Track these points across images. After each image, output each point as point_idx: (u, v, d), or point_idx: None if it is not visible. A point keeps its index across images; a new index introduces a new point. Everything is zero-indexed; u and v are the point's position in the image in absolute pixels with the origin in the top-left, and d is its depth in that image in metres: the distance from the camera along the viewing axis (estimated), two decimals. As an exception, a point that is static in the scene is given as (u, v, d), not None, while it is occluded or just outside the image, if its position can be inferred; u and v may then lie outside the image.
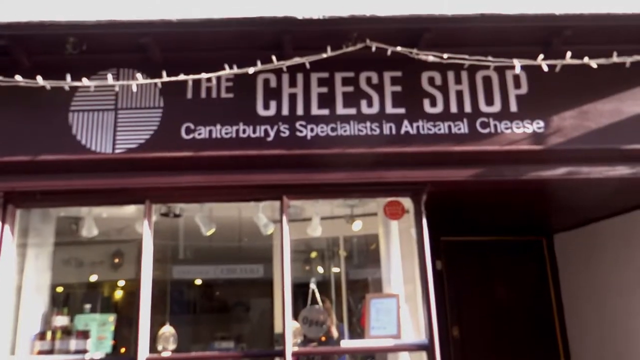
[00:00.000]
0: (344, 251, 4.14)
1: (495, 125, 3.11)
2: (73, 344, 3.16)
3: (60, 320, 3.25)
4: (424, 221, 3.14)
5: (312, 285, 3.35)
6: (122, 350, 3.69)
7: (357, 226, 3.62)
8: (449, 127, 3.11)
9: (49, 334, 3.17)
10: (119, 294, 6.41)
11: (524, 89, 3.18)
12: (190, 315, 6.46)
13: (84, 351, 3.17)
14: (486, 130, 3.10)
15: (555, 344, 4.38)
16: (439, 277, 3.18)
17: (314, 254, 4.45)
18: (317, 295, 3.35)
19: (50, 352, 3.14)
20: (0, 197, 3.10)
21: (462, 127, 3.10)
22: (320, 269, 3.92)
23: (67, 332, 3.22)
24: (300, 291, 3.05)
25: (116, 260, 5.93)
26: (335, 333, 3.48)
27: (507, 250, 4.55)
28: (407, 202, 3.29)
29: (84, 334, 3.20)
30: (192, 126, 3.15)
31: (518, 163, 3.06)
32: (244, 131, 3.13)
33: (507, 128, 3.11)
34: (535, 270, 4.57)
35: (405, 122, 3.13)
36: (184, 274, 6.39)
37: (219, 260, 6.69)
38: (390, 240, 3.37)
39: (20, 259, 3.26)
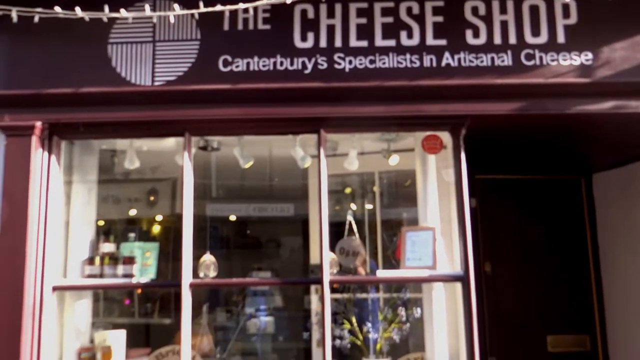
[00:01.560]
0: (379, 187, 4.18)
1: (540, 57, 3.03)
2: (120, 269, 3.33)
3: (107, 247, 3.42)
4: (463, 155, 3.14)
5: (349, 217, 3.43)
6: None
7: (394, 160, 3.64)
8: (492, 59, 3.05)
9: (97, 260, 3.34)
10: (156, 229, 6.66)
11: (573, 19, 3.07)
12: (226, 250, 6.70)
13: (131, 276, 3.35)
14: (531, 63, 3.03)
15: (589, 287, 4.39)
16: (472, 215, 3.19)
17: (348, 190, 4.49)
18: (354, 226, 3.43)
19: (99, 276, 3.32)
20: (45, 129, 3.20)
21: (506, 59, 3.04)
22: (353, 206, 3.98)
23: (113, 258, 3.39)
24: (332, 230, 3.13)
25: (151, 198, 6.12)
26: (362, 272, 3.59)
27: (543, 190, 4.50)
28: (445, 137, 3.28)
29: (130, 260, 3.36)
30: (229, 58, 3.15)
31: (563, 96, 3.00)
32: (282, 63, 3.12)
33: (553, 60, 3.03)
34: (571, 211, 4.52)
35: (447, 54, 3.08)
36: (218, 211, 6.57)
37: (250, 199, 6.84)
38: (427, 176, 3.39)
39: (66, 196, 3.40)
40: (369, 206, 4.72)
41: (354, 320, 3.33)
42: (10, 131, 3.12)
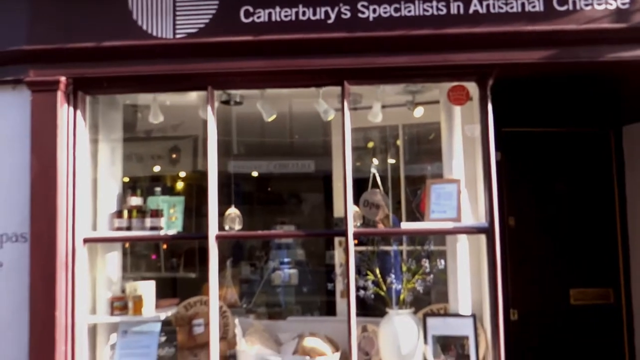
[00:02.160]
0: (402, 141, 4.15)
1: (574, 2, 2.92)
2: (148, 222, 3.41)
3: (135, 201, 3.49)
4: (489, 107, 3.08)
5: (373, 170, 3.43)
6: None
7: (419, 112, 3.59)
8: (522, 4, 2.94)
9: (125, 213, 3.42)
10: (179, 186, 6.76)
11: (608, -40, 2.93)
12: (249, 206, 6.77)
13: (159, 228, 3.42)
14: (563, 8, 2.92)
15: (614, 241, 4.34)
16: (497, 168, 3.15)
17: (370, 145, 4.47)
18: (378, 179, 3.43)
19: (128, 228, 3.40)
20: (70, 84, 3.21)
21: (537, 5, 2.93)
22: (376, 161, 3.97)
23: (141, 211, 3.46)
24: (354, 186, 3.13)
25: (174, 156, 6.18)
26: (382, 227, 3.61)
27: (570, 143, 4.40)
28: (471, 88, 3.22)
29: (157, 213, 3.43)
30: (250, 9, 3.10)
31: (596, 43, 2.89)
32: (304, 13, 3.06)
33: (587, 5, 2.91)
34: (598, 165, 4.41)
35: (475, 1, 2.98)
36: (240, 168, 6.62)
37: (271, 155, 6.86)
38: (452, 129, 3.35)
39: (92, 154, 3.45)
40: (391, 161, 4.71)
41: (377, 271, 3.36)
42: (35, 86, 3.15)
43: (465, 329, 3.15)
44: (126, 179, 3.88)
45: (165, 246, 6.18)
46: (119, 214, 3.42)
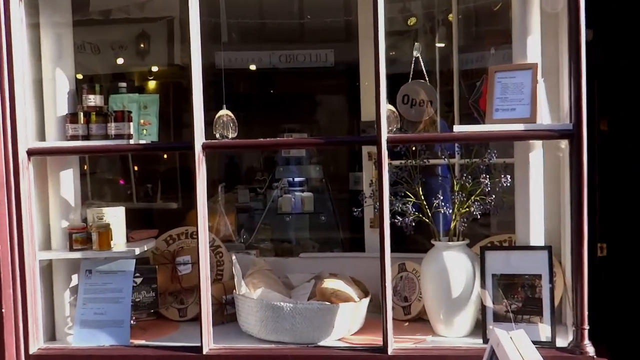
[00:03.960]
0: (457, 17, 4.02)
1: None
2: (112, 127, 3.39)
3: (93, 100, 3.46)
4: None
5: (416, 53, 3.34)
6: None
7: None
8: None
9: (81, 116, 3.40)
10: (151, 84, 6.71)
11: None
12: (245, 112, 6.74)
13: (126, 136, 3.41)
14: None
15: None
16: (587, 52, 3.04)
17: (411, 21, 4.35)
18: (422, 64, 3.35)
19: (86, 137, 3.40)
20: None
21: None
22: (419, 45, 3.86)
23: (102, 114, 3.45)
24: (388, 83, 3.07)
25: (141, 45, 6.09)
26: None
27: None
28: None
29: (123, 116, 3.41)
30: None
31: None
32: None
33: None
34: None
35: None
36: (232, 61, 6.54)
37: (274, 43, 6.75)
38: (527, 1, 3.21)
39: (34, 43, 3.41)
40: (440, 45, 4.60)
41: (420, 192, 3.36)
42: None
43: (536, 265, 3.17)
44: (79, 76, 3.84)
45: (136, 168, 6.23)
46: (72, 118, 3.41)
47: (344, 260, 4.07)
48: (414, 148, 3.50)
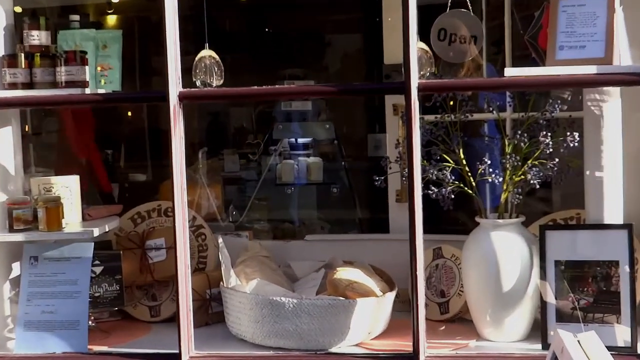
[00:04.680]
0: None
1: None
2: (62, 72, 3.37)
3: (37, 38, 3.44)
4: None
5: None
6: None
7: None
8: None
9: (21, 59, 3.38)
10: (111, 20, 6.68)
11: None
12: (233, 54, 6.71)
13: (80, 84, 3.38)
14: None
15: None
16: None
17: None
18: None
19: (28, 85, 3.39)
20: None
21: None
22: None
23: (48, 56, 3.43)
24: (419, 14, 3.04)
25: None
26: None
27: None
28: None
29: (76, 58, 3.39)
30: None
31: None
32: None
33: None
34: None
35: None
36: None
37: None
38: None
39: None
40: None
41: (461, 155, 3.34)
42: None
43: (613, 250, 3.15)
44: (18, 9, 3.81)
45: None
46: (10, 61, 3.40)
47: (362, 244, 4.07)
48: (452, 99, 3.47)
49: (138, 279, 3.81)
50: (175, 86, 3.16)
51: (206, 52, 3.58)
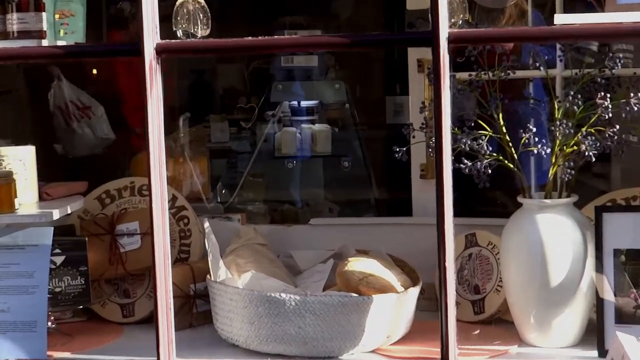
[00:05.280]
0: None
1: None
2: (13, 20, 3.39)
3: (-17, -23, 3.45)
4: None
5: None
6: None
7: None
8: None
9: (-37, 3, 3.39)
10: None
11: None
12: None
13: (36, 33, 3.40)
14: None
15: None
16: None
17: None
18: None
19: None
20: None
21: None
22: None
23: (-2, 1, 3.44)
24: None
25: None
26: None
27: None
28: None
29: (29, 4, 3.41)
30: None
31: None
32: None
33: None
34: None
35: None
36: None
37: None
38: None
39: None
40: None
41: (501, 121, 3.34)
42: None
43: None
44: None
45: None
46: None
47: (379, 229, 4.10)
48: (490, 53, 3.46)
49: (107, 272, 3.82)
50: (151, 37, 3.15)
51: (189, -4, 3.58)
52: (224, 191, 5.39)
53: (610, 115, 3.22)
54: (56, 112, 5.48)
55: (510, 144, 3.35)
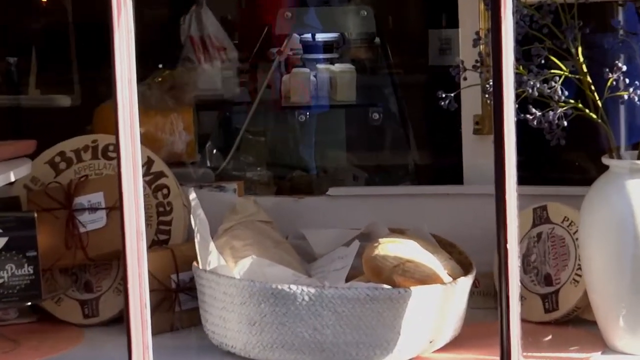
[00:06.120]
0: None
1: None
2: None
3: None
4: None
5: None
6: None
7: None
8: None
9: None
10: None
11: None
12: None
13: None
14: None
15: None
16: None
17: None
18: None
19: None
20: None
21: None
22: None
23: None
24: None
25: None
26: None
27: None
28: None
29: None
30: None
31: None
32: None
33: None
34: None
35: None
36: None
37: None
38: None
39: None
40: None
41: (580, 57, 3.34)
42: None
43: None
44: None
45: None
46: None
47: (419, 201, 4.12)
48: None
49: (63, 258, 3.85)
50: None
51: None
52: (214, 152, 5.40)
53: None
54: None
55: (593, 89, 3.36)
